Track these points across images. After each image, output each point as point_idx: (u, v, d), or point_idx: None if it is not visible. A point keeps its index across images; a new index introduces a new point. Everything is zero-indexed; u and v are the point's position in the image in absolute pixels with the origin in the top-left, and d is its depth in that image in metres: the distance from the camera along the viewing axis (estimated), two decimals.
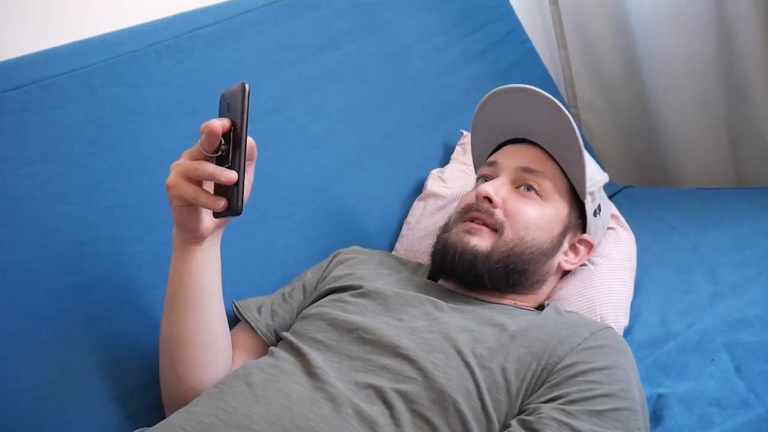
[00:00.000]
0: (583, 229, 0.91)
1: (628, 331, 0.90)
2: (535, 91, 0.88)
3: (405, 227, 1.11)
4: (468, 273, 0.81)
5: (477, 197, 0.85)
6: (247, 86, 0.63)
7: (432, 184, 1.14)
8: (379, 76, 1.20)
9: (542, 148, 0.90)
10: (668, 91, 1.47)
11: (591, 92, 1.70)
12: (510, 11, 1.51)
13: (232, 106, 0.64)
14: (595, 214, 0.91)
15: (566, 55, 1.72)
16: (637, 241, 1.04)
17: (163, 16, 1.00)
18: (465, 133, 1.25)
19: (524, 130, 0.92)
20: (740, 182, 1.51)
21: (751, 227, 1.07)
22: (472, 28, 1.41)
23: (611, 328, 0.76)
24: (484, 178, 0.91)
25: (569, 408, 0.63)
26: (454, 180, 1.14)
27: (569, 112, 0.87)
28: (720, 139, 1.48)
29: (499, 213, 0.84)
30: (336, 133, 1.11)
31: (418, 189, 1.17)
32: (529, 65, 1.50)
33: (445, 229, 0.88)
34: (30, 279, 0.77)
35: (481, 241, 0.82)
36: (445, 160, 1.23)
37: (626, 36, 1.55)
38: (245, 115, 0.63)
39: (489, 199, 0.84)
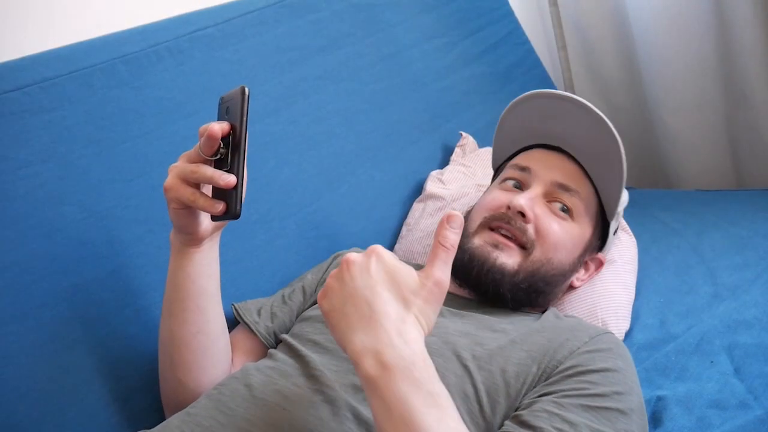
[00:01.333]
0: (600, 248, 0.90)
1: (627, 333, 0.90)
2: (584, 104, 0.84)
3: (404, 228, 1.11)
4: (492, 290, 0.79)
5: (510, 208, 0.82)
6: (246, 90, 0.63)
7: (431, 186, 1.14)
8: (379, 77, 1.21)
9: (576, 161, 0.87)
10: (668, 92, 1.47)
11: (590, 94, 1.70)
12: (510, 13, 1.52)
13: (231, 109, 0.64)
14: (614, 233, 0.91)
15: (566, 56, 1.73)
16: (637, 243, 1.04)
17: (164, 18, 1.00)
18: (464, 134, 1.25)
19: (561, 139, 0.88)
20: (740, 184, 1.51)
21: (751, 229, 1.07)
22: (472, 29, 1.41)
23: (611, 332, 0.76)
24: (512, 181, 0.88)
25: (562, 401, 0.63)
26: (453, 181, 1.15)
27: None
28: (719, 141, 1.48)
29: (530, 230, 0.81)
30: (336, 134, 1.11)
31: (418, 190, 1.17)
32: (529, 66, 1.51)
33: (466, 233, 0.84)
34: (30, 279, 0.77)
35: (509, 259, 0.80)
36: (444, 162, 1.23)
37: (626, 38, 1.55)
38: (245, 119, 0.63)
39: (522, 214, 0.81)
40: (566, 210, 0.84)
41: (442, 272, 0.56)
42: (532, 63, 1.52)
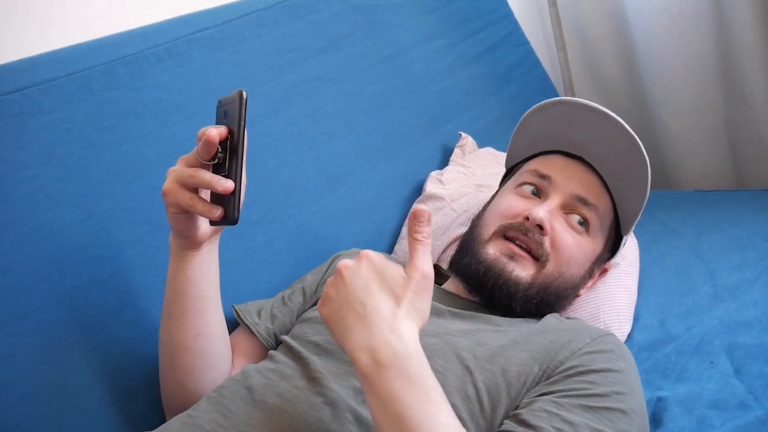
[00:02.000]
0: (608, 259, 0.90)
1: (628, 334, 0.90)
2: (614, 118, 0.83)
3: (404, 229, 1.11)
4: (504, 303, 0.79)
5: (529, 220, 0.80)
6: (244, 94, 0.63)
7: (431, 186, 1.14)
8: (379, 78, 1.21)
9: (597, 173, 0.86)
10: (667, 93, 1.47)
11: (590, 94, 1.70)
12: (509, 14, 1.52)
13: (230, 113, 0.64)
14: (624, 244, 0.90)
15: (565, 57, 1.73)
16: (638, 243, 1.04)
17: (163, 19, 1.00)
18: (464, 135, 1.25)
19: (584, 149, 0.86)
20: (739, 184, 1.51)
21: (750, 229, 1.07)
22: (472, 30, 1.41)
23: (613, 334, 0.76)
24: (529, 187, 0.86)
25: (561, 401, 0.63)
26: (452, 181, 1.15)
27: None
28: (719, 141, 1.48)
29: (547, 242, 0.80)
30: (335, 135, 1.11)
31: (417, 191, 1.17)
32: (529, 67, 1.51)
33: (480, 239, 0.83)
34: (29, 282, 0.76)
35: (523, 272, 0.79)
36: (444, 162, 1.23)
37: (625, 38, 1.55)
38: (242, 123, 0.63)
39: (539, 226, 0.80)
40: (583, 223, 0.83)
41: (425, 264, 0.59)
42: (531, 64, 1.52)
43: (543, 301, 0.80)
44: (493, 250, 0.81)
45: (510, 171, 0.98)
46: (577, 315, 0.89)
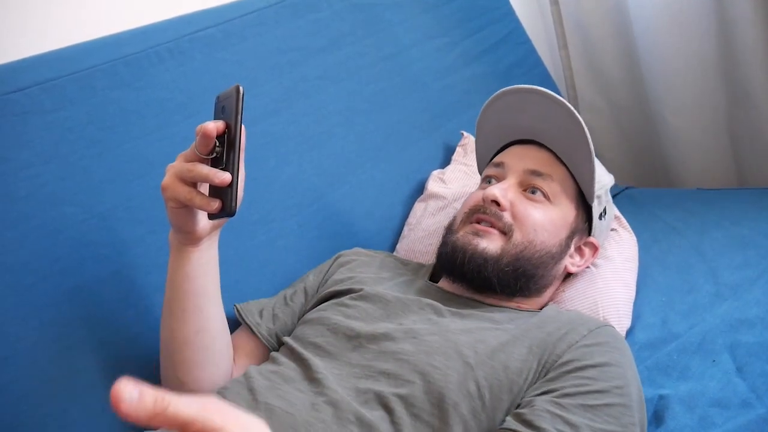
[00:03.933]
0: (589, 232, 0.91)
1: (629, 332, 0.90)
2: (544, 92, 0.87)
3: (406, 228, 1.11)
4: (477, 276, 0.80)
5: (484, 200, 0.84)
6: (241, 88, 0.64)
7: (433, 185, 1.14)
8: (380, 77, 1.21)
9: (549, 150, 0.89)
10: (669, 91, 1.47)
11: (592, 93, 1.70)
12: (510, 12, 1.51)
13: (227, 108, 0.65)
14: (600, 217, 0.91)
15: (567, 55, 1.72)
16: (638, 241, 1.04)
17: (164, 19, 1.00)
18: (465, 134, 1.25)
19: (531, 131, 0.91)
20: (741, 183, 1.50)
21: (752, 228, 1.06)
22: (473, 29, 1.41)
23: (610, 325, 0.77)
24: (489, 179, 0.91)
25: (562, 401, 0.64)
26: (454, 181, 1.15)
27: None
28: (720, 140, 1.48)
29: (507, 216, 0.83)
30: (336, 134, 1.11)
31: (419, 190, 1.17)
32: (530, 66, 1.50)
33: (451, 230, 0.87)
34: (31, 281, 0.77)
35: (490, 244, 0.81)
36: (445, 161, 1.23)
37: (627, 37, 1.55)
38: (239, 117, 0.64)
39: (496, 202, 0.83)
40: (540, 192, 0.86)
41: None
42: (533, 62, 1.52)
43: (518, 270, 0.81)
44: (460, 233, 0.84)
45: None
46: (576, 308, 0.89)
